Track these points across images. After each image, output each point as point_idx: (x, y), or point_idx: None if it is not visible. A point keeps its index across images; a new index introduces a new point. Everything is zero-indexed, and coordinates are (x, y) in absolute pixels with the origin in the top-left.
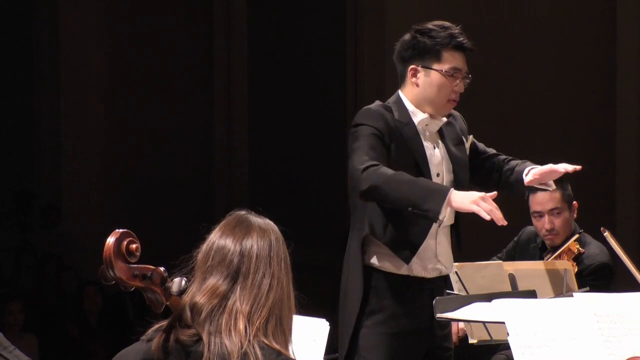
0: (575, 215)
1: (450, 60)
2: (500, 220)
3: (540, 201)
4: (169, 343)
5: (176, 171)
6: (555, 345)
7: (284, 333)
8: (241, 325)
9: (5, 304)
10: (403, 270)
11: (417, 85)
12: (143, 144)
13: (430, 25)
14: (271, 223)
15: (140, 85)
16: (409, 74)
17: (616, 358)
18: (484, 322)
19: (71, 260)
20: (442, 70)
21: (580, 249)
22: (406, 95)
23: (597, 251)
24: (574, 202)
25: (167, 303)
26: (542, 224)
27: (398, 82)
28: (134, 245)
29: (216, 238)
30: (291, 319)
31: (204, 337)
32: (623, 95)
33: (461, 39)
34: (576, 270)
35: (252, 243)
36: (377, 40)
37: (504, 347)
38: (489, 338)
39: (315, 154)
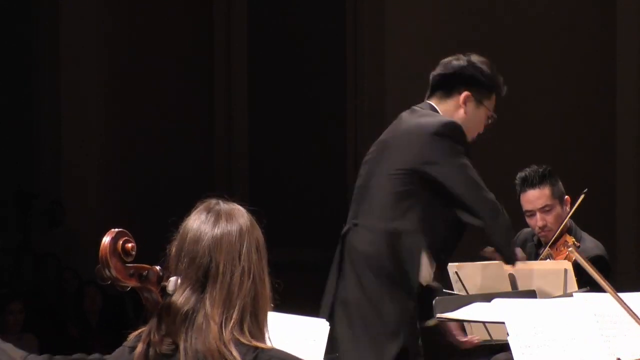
0: (568, 209)
1: (493, 104)
2: None
3: (531, 199)
4: (150, 352)
5: (176, 171)
6: (555, 345)
7: (260, 326)
8: (215, 329)
9: (6, 304)
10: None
11: (464, 112)
12: (143, 144)
13: (485, 61)
14: (239, 207)
15: (140, 85)
16: (462, 97)
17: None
18: (484, 322)
19: (71, 260)
20: (489, 111)
21: (576, 242)
22: (442, 110)
23: (593, 245)
24: (566, 196)
25: (160, 304)
26: (535, 222)
27: (428, 94)
28: (129, 245)
29: (187, 232)
30: (267, 308)
31: (180, 344)
32: (623, 95)
33: (505, 88)
34: (573, 259)
35: (221, 232)
36: (377, 38)
37: (506, 347)
38: (489, 338)
39: (316, 154)
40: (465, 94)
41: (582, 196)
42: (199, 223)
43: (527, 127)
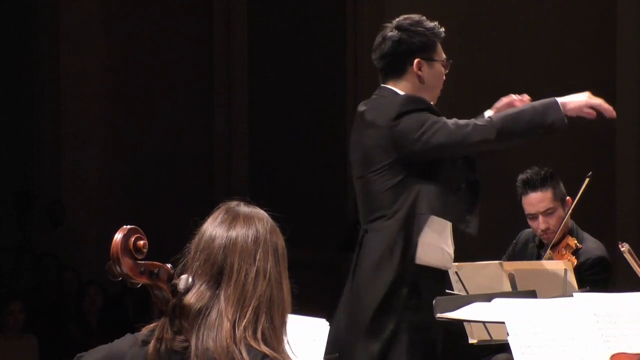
0: (569, 211)
1: (441, 51)
2: (610, 111)
3: (533, 203)
4: (162, 349)
5: (176, 171)
6: (555, 345)
7: (275, 330)
8: (227, 328)
9: (5, 304)
10: (438, 262)
11: (422, 78)
12: (143, 144)
13: (411, 19)
14: (260, 211)
15: (140, 85)
16: (415, 67)
17: None
18: (484, 322)
19: (71, 260)
20: (442, 61)
21: (578, 244)
22: (402, 88)
23: (594, 246)
24: (568, 197)
25: (174, 300)
26: (537, 225)
27: (382, 78)
28: (141, 242)
29: (204, 231)
30: (284, 311)
31: (192, 342)
32: (623, 95)
33: (442, 29)
34: (575, 264)
35: (236, 233)
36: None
37: (506, 347)
38: (489, 338)
39: (316, 153)
40: (416, 62)
41: (586, 180)
42: (216, 223)
43: None
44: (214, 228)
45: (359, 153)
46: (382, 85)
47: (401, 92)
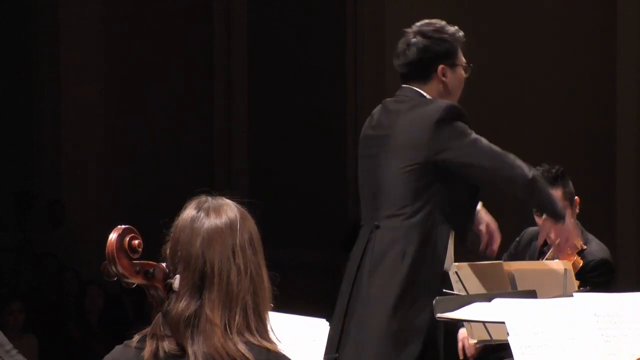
0: (577, 211)
1: (462, 55)
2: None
3: None
4: (160, 351)
5: (176, 171)
6: (555, 345)
7: (263, 320)
8: (218, 332)
9: (6, 304)
10: (446, 266)
11: (446, 83)
12: (143, 144)
13: (433, 25)
14: (227, 201)
15: (140, 85)
16: (439, 73)
17: (616, 358)
18: (484, 322)
19: (71, 260)
20: (464, 65)
21: (584, 245)
22: (429, 92)
23: (598, 248)
24: (576, 197)
25: (168, 300)
26: None
27: (403, 80)
28: (136, 241)
29: (178, 235)
30: (267, 300)
31: (188, 348)
32: (623, 95)
33: (462, 33)
34: (581, 264)
35: (211, 230)
36: (378, 38)
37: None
38: (489, 338)
39: (316, 153)
40: (440, 67)
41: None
42: (189, 222)
43: (523, 127)
44: (188, 227)
45: (382, 147)
46: (404, 85)
47: (427, 95)
